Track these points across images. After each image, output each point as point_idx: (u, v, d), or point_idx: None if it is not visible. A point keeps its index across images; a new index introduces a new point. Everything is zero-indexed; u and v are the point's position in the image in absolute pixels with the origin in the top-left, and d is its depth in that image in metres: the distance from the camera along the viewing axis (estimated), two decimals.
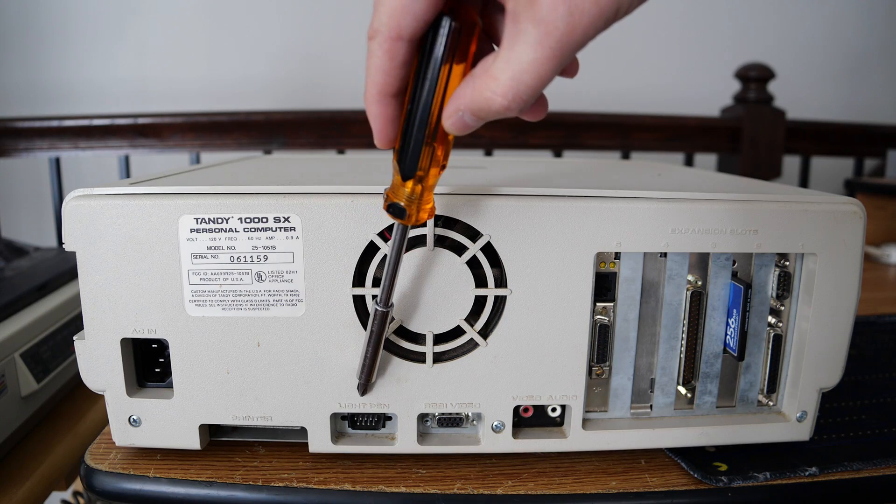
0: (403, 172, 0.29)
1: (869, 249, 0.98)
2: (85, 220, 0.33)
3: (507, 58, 0.24)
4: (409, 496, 0.35)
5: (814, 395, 0.38)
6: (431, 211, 0.31)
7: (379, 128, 0.28)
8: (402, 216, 0.30)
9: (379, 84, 0.27)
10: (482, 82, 0.25)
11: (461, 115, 0.27)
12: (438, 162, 0.29)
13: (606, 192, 0.34)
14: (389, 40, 0.26)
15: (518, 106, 0.25)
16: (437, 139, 0.28)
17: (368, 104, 0.28)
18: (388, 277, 0.32)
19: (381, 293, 0.33)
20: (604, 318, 0.36)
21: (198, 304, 0.34)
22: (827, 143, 1.42)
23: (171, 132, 1.25)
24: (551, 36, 0.23)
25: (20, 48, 1.52)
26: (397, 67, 0.27)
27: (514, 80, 0.24)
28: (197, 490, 0.35)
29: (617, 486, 0.36)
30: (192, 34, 1.54)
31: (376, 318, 0.33)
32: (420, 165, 0.29)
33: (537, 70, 0.24)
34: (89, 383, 0.36)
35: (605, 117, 1.33)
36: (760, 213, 0.35)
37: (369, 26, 0.26)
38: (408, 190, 0.29)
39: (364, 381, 0.35)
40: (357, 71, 1.46)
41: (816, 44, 1.67)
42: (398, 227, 0.31)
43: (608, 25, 0.24)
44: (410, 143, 0.28)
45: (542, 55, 0.24)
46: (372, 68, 0.27)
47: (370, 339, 0.34)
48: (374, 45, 0.26)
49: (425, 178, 0.29)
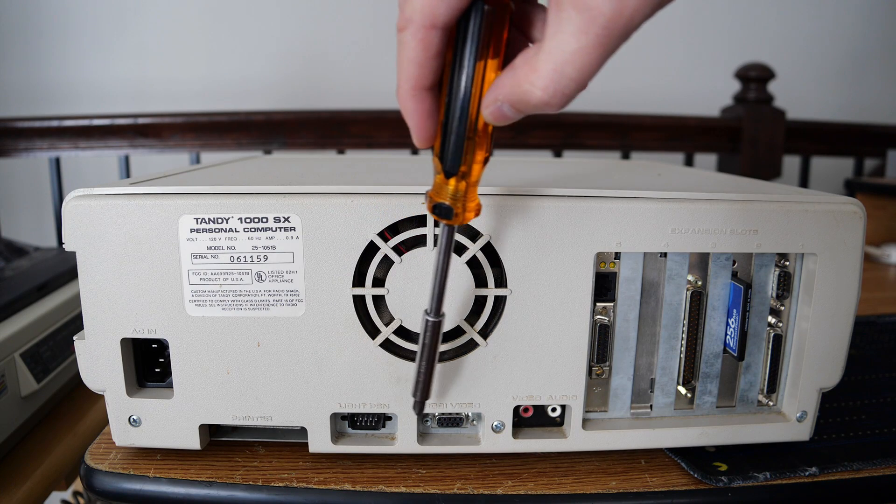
0: (446, 170, 0.28)
1: (869, 249, 0.98)
2: (85, 220, 0.33)
3: (549, 48, 0.23)
4: (409, 496, 0.35)
5: (814, 395, 0.38)
6: (478, 209, 0.29)
7: (417, 124, 0.27)
8: (449, 216, 0.28)
9: (413, 77, 0.26)
10: (522, 73, 0.24)
11: (500, 106, 0.25)
12: (482, 155, 0.28)
13: (606, 192, 0.34)
14: (423, 29, 0.25)
15: (560, 101, 0.24)
16: (478, 131, 0.27)
17: (403, 100, 0.27)
18: (438, 285, 0.31)
19: (431, 302, 0.31)
20: (604, 318, 0.36)
21: (198, 304, 0.34)
22: (827, 143, 1.42)
23: (170, 132, 1.25)
24: (596, 22, 0.22)
25: (20, 48, 1.52)
26: (431, 58, 0.25)
27: (556, 72, 0.23)
28: (197, 490, 0.35)
29: (617, 486, 0.36)
30: (192, 34, 1.54)
31: (428, 330, 0.31)
32: (464, 161, 0.27)
33: (581, 60, 0.23)
34: (89, 383, 0.36)
35: (605, 117, 1.33)
36: (760, 213, 0.35)
37: (399, 17, 0.25)
38: (451, 188, 0.28)
39: (420, 399, 0.33)
40: (357, 71, 1.45)
41: (816, 44, 1.67)
42: (445, 230, 0.30)
43: (655, 11, 0.23)
44: (451, 139, 0.27)
45: (587, 43, 0.22)
46: (404, 61, 0.26)
47: (423, 353, 0.32)
48: (407, 36, 0.25)
49: (469, 175, 0.28)
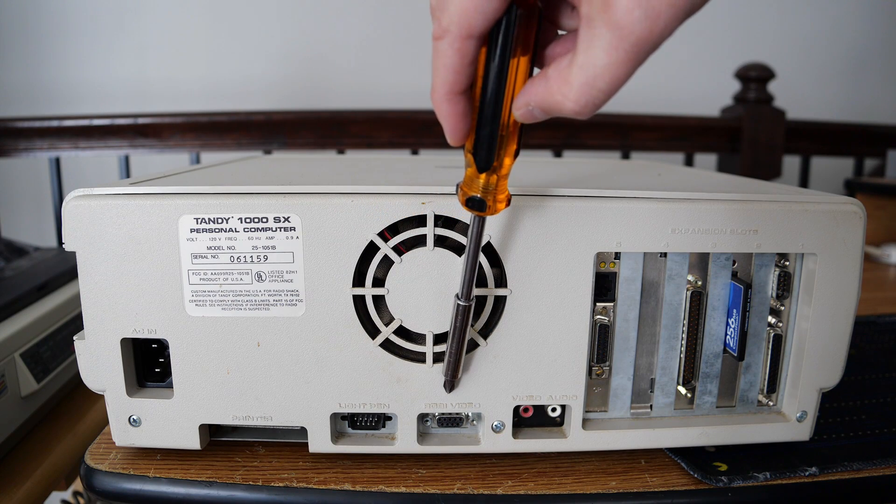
0: (480, 165, 0.29)
1: (869, 249, 0.98)
2: (85, 220, 0.33)
3: (581, 63, 0.24)
4: (409, 496, 0.35)
5: (814, 395, 0.38)
6: (508, 199, 0.31)
7: (452, 126, 0.28)
8: (482, 208, 0.30)
9: (449, 83, 0.27)
10: (555, 85, 0.25)
11: (531, 109, 0.27)
12: (512, 149, 0.29)
13: (606, 192, 0.34)
14: (460, 39, 0.26)
15: (590, 111, 0.25)
16: (509, 128, 0.28)
17: (439, 104, 0.28)
18: (468, 271, 0.32)
19: (462, 287, 0.33)
20: (604, 318, 0.36)
21: (198, 304, 0.34)
22: (827, 143, 1.42)
23: (171, 132, 1.25)
24: (627, 40, 0.23)
25: (20, 48, 1.52)
26: (468, 65, 0.27)
27: (587, 85, 0.24)
28: (197, 490, 0.35)
29: (617, 486, 0.36)
30: (192, 34, 1.54)
31: (459, 313, 0.33)
32: (496, 156, 0.29)
33: (612, 74, 0.24)
34: (89, 383, 0.36)
35: (605, 117, 1.33)
36: (760, 213, 0.35)
37: (435, 27, 0.26)
38: (482, 181, 0.30)
39: (450, 378, 0.35)
40: (357, 71, 1.45)
41: (816, 44, 1.67)
42: (476, 221, 0.31)
43: (682, 23, 0.24)
44: (485, 136, 0.28)
45: (618, 59, 0.24)
46: (441, 68, 0.27)
47: (454, 335, 0.34)
48: (444, 45, 0.26)
49: (500, 168, 0.29)
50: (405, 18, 1.56)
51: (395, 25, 1.57)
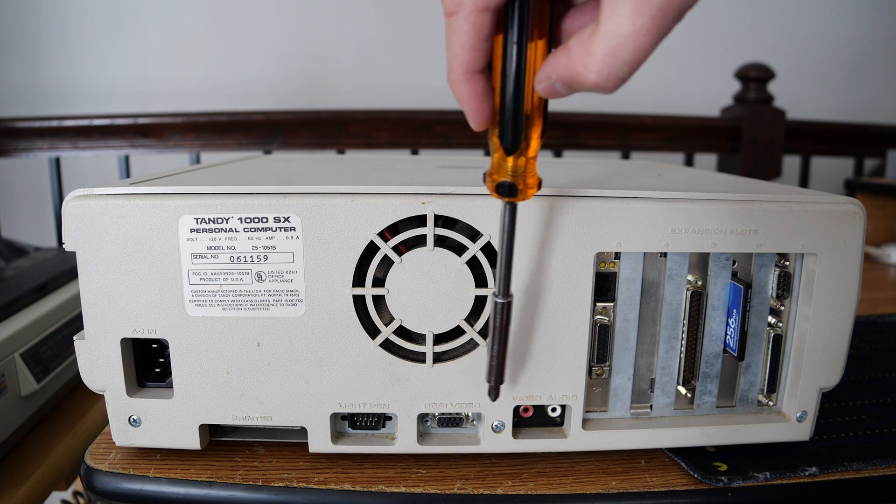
0: (507, 147, 0.28)
1: (869, 249, 0.98)
2: (85, 220, 0.33)
3: (603, 31, 0.23)
4: (409, 496, 0.35)
5: (814, 395, 0.38)
6: (539, 183, 0.30)
7: (473, 107, 0.27)
8: (514, 193, 0.29)
9: (466, 61, 0.26)
10: (577, 55, 0.24)
11: (552, 83, 0.26)
12: (538, 129, 0.28)
13: (606, 192, 0.34)
14: (476, 12, 0.25)
15: (613, 84, 0.24)
16: (534, 106, 0.28)
17: (457, 85, 0.27)
18: (504, 266, 0.31)
19: (499, 284, 0.31)
20: (604, 318, 0.36)
21: (198, 304, 0.34)
22: (827, 143, 1.42)
23: (171, 132, 1.25)
24: (652, 4, 0.22)
25: (20, 48, 1.52)
26: (483, 41, 0.26)
27: (610, 55, 0.23)
28: (197, 490, 0.35)
29: (617, 486, 0.36)
30: (192, 34, 1.54)
31: (498, 311, 0.32)
32: (523, 136, 0.28)
33: (636, 43, 0.23)
34: (89, 383, 0.36)
35: (605, 117, 1.33)
36: (760, 213, 0.35)
37: (447, 3, 0.25)
38: (510, 165, 0.28)
39: (495, 383, 0.33)
40: (357, 71, 1.45)
41: (816, 44, 1.67)
42: (507, 209, 0.30)
43: None
44: (510, 116, 0.27)
45: (642, 25, 0.23)
46: (457, 46, 0.26)
47: (495, 335, 0.32)
48: (459, 21, 0.25)
49: (527, 149, 0.28)
50: (405, 18, 1.56)
51: (395, 25, 1.57)
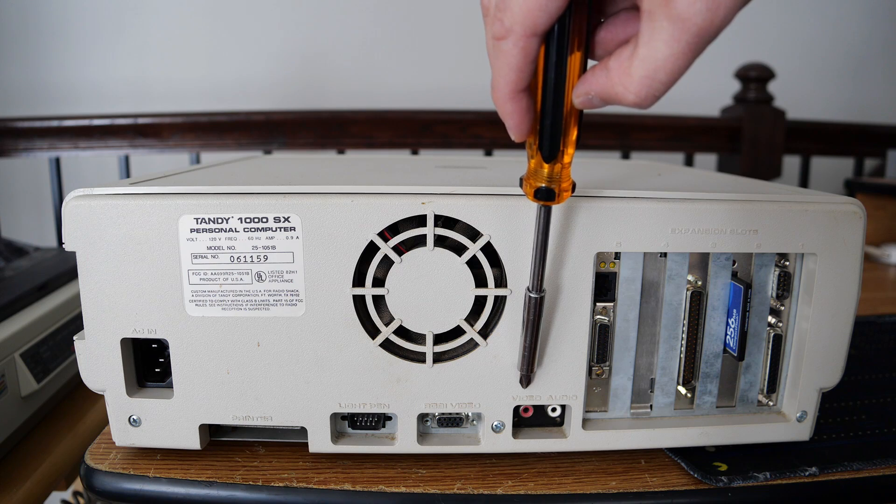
0: (546, 155, 0.30)
1: (869, 249, 0.98)
2: (85, 220, 0.33)
3: (643, 55, 0.25)
4: (409, 496, 0.35)
5: (814, 395, 0.38)
6: (573, 186, 0.32)
7: (517, 122, 0.29)
8: (551, 198, 0.31)
9: (513, 82, 0.28)
10: (616, 76, 0.26)
11: (590, 98, 0.28)
12: (573, 137, 0.30)
13: (606, 191, 0.34)
14: (525, 38, 0.26)
15: (650, 102, 0.26)
16: (571, 117, 0.29)
17: (503, 103, 0.28)
18: (538, 263, 0.33)
19: (532, 280, 0.33)
20: (604, 318, 0.36)
21: (198, 304, 0.34)
22: (827, 143, 1.42)
23: (171, 132, 1.25)
24: (689, 31, 0.24)
25: (20, 48, 1.52)
26: (530, 63, 0.27)
27: (648, 77, 0.25)
28: (197, 490, 0.35)
29: (617, 486, 0.36)
30: (192, 34, 1.54)
31: (531, 306, 0.33)
32: (562, 145, 0.30)
33: (672, 66, 0.25)
34: (89, 383, 0.36)
35: (605, 117, 1.33)
36: (760, 213, 0.35)
37: (496, 27, 0.26)
38: (547, 171, 0.30)
39: (526, 372, 0.35)
40: (357, 71, 1.44)
41: (816, 44, 1.67)
42: (543, 211, 0.32)
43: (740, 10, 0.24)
44: (550, 128, 0.29)
45: (679, 50, 0.24)
46: (504, 67, 0.27)
47: (528, 328, 0.34)
48: (508, 45, 0.27)
49: (563, 156, 0.30)
50: (405, 18, 1.56)
51: (395, 25, 1.57)
